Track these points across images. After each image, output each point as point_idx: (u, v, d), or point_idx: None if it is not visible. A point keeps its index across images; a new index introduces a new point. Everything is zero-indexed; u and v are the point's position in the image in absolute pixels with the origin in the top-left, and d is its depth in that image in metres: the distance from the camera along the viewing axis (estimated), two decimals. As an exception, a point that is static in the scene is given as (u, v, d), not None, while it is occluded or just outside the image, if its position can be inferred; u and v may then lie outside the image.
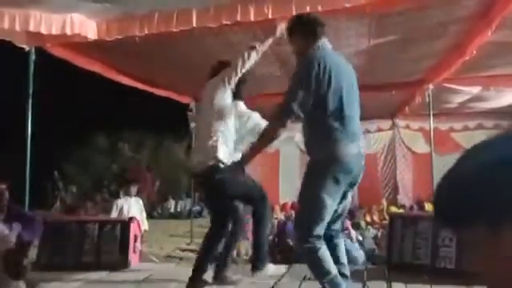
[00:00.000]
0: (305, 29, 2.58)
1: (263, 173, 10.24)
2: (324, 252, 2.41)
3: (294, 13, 3.89)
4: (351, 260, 5.91)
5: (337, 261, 2.51)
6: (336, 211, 2.53)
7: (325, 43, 2.53)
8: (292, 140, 12.19)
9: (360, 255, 6.05)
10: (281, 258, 6.43)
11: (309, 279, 3.63)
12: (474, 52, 5.05)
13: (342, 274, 2.53)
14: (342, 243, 2.69)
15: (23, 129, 5.00)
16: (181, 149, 17.68)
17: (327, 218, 2.43)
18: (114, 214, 6.30)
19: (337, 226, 2.63)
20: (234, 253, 6.91)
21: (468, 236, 0.60)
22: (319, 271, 2.45)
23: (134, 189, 6.81)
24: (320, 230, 2.41)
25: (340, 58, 2.58)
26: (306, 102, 2.37)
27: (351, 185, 2.53)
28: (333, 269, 2.43)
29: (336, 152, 2.37)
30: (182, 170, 16.78)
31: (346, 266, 2.64)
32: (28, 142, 4.99)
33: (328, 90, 2.38)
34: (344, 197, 2.53)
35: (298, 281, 3.58)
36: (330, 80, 2.38)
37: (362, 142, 2.53)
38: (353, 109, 2.48)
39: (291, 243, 6.73)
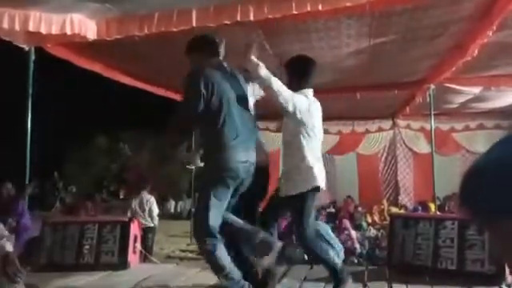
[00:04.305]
0: (203, 48, 2.87)
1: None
2: (220, 250, 2.70)
3: (295, 12, 3.88)
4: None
5: None
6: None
7: (218, 61, 2.82)
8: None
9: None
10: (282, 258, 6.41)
11: (309, 280, 3.62)
12: (476, 52, 5.04)
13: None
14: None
15: (23, 129, 4.99)
16: (181, 149, 17.63)
17: (219, 218, 2.72)
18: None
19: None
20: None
21: (499, 228, 0.61)
22: (216, 268, 2.76)
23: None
24: (212, 229, 2.68)
25: (229, 73, 2.84)
26: (196, 110, 2.68)
27: (237, 190, 2.83)
28: (228, 264, 2.72)
29: (224, 159, 2.67)
30: (182, 170, 16.74)
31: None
32: (28, 142, 4.98)
33: (216, 105, 2.68)
34: (230, 201, 2.83)
35: (298, 281, 3.56)
36: (217, 96, 2.68)
37: (254, 151, 2.84)
38: (242, 120, 2.78)
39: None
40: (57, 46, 5.09)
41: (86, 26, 4.33)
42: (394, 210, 9.61)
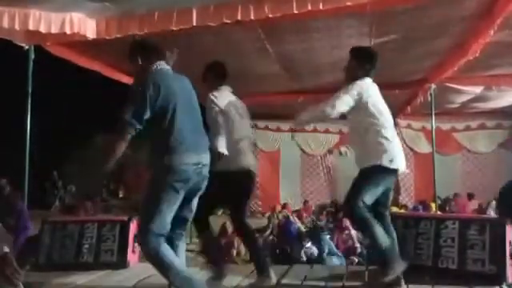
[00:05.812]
0: (142, 53, 2.85)
1: (264, 173, 10.20)
2: (165, 251, 2.65)
3: (295, 11, 3.87)
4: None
5: None
6: (180, 216, 2.80)
7: (161, 65, 2.82)
8: (293, 140, 12.10)
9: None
10: (281, 257, 6.42)
11: (309, 279, 3.61)
12: (478, 52, 5.03)
13: None
14: (183, 245, 2.98)
15: (22, 128, 4.98)
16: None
17: (167, 222, 2.67)
18: None
19: (182, 229, 2.93)
20: (234, 253, 6.91)
21: None
22: (164, 270, 2.67)
23: None
24: (157, 233, 2.63)
25: (175, 76, 2.84)
26: (142, 116, 2.64)
27: (194, 192, 2.79)
28: (177, 265, 2.68)
29: (171, 162, 2.64)
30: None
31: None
32: (27, 142, 4.96)
33: (161, 107, 2.65)
34: (187, 203, 2.81)
35: (299, 281, 3.55)
36: (163, 98, 2.65)
37: (207, 153, 2.81)
38: (191, 121, 2.77)
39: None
40: (56, 45, 5.08)
41: (85, 25, 4.32)
42: (395, 209, 9.59)
